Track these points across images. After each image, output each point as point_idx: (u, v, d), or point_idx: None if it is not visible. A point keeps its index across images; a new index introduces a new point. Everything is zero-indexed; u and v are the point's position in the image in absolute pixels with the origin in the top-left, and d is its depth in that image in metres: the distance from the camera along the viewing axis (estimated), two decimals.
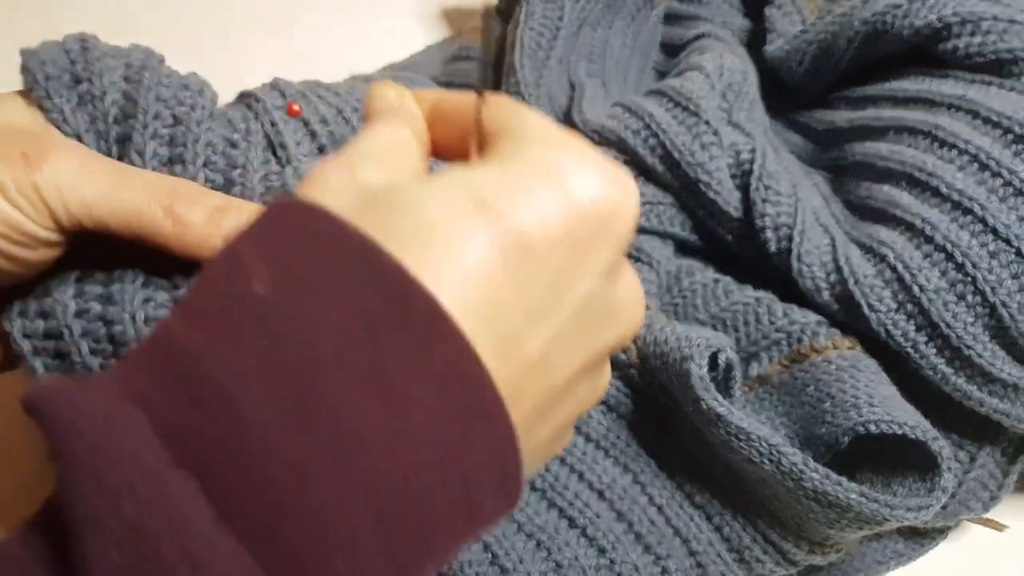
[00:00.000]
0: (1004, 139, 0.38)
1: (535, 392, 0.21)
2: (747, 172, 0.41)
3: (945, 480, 0.33)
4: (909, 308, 0.36)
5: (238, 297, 0.18)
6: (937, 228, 0.37)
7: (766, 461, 0.33)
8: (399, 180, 0.21)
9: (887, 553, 0.40)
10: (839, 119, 0.47)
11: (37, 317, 0.28)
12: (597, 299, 0.22)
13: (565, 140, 0.22)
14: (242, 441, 0.17)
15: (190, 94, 0.31)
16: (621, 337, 0.23)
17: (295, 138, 0.32)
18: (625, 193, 0.21)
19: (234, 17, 0.65)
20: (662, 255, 0.43)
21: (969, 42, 0.42)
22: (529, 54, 0.47)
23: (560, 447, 0.26)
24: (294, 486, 0.17)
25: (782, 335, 0.38)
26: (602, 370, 0.25)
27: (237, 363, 0.17)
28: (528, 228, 0.20)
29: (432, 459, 0.18)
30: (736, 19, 0.55)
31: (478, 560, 0.33)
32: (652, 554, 0.35)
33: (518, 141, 0.22)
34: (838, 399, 0.35)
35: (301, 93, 0.34)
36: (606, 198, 0.21)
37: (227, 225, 0.27)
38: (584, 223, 0.20)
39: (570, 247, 0.20)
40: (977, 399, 0.37)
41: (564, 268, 0.20)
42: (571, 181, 0.21)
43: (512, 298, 0.20)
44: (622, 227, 0.21)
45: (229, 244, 0.20)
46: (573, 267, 0.21)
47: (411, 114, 0.26)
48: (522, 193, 0.20)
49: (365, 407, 0.17)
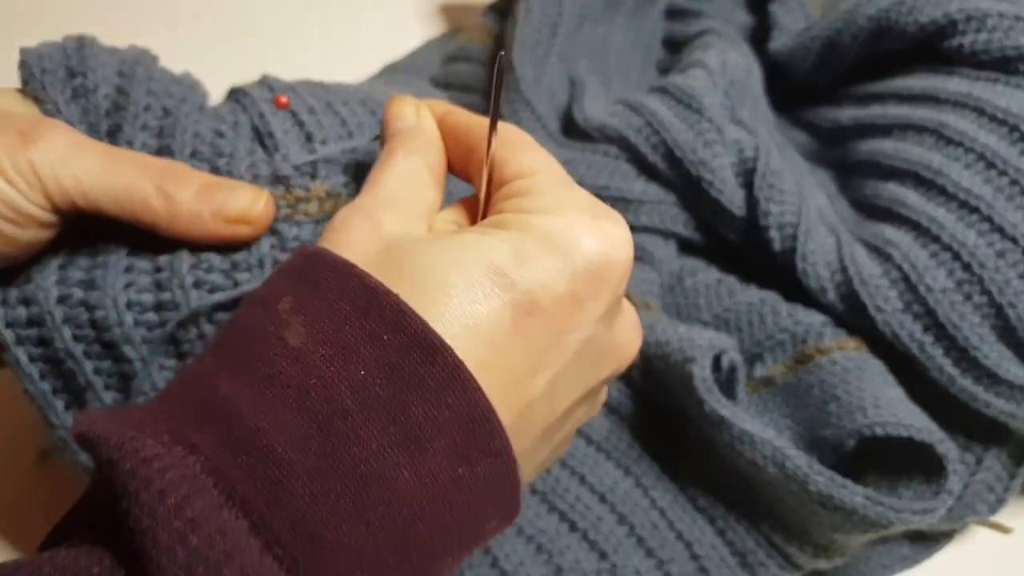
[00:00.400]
0: (1011, 137, 0.38)
1: (536, 426, 0.24)
2: (751, 170, 0.40)
3: (951, 483, 0.33)
4: (916, 308, 0.36)
5: (272, 347, 0.21)
6: (943, 227, 0.36)
7: (770, 464, 0.32)
8: (414, 231, 0.24)
9: (892, 557, 0.40)
10: (844, 116, 0.47)
11: (19, 304, 0.28)
12: (595, 341, 0.25)
13: (566, 197, 0.25)
14: (281, 484, 0.19)
15: (181, 88, 0.32)
16: (618, 368, 0.27)
17: (283, 127, 0.32)
18: (618, 248, 0.24)
19: (232, 17, 0.64)
20: (664, 254, 0.42)
21: (975, 39, 0.42)
22: (529, 50, 0.46)
23: (558, 456, 0.29)
24: (327, 524, 0.19)
25: (786, 336, 0.38)
26: (598, 394, 0.28)
27: (274, 413, 0.20)
28: (535, 292, 0.23)
29: (447, 496, 0.21)
30: (739, 15, 0.55)
31: (479, 563, 0.33)
32: (654, 558, 0.35)
33: (527, 200, 0.25)
34: (844, 401, 0.35)
35: (290, 87, 0.34)
36: (602, 255, 0.24)
37: (215, 202, 0.28)
38: (583, 281, 0.24)
39: (571, 303, 0.23)
40: (984, 400, 0.36)
41: (566, 321, 0.23)
42: (572, 245, 0.24)
43: (519, 351, 0.22)
44: (616, 278, 0.24)
45: (262, 291, 0.23)
46: (574, 319, 0.24)
47: (428, 140, 0.28)
48: (530, 261, 0.23)
49: (389, 453, 0.20)
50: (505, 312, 0.22)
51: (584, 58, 0.50)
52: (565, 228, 0.24)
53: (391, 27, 0.64)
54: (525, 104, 0.45)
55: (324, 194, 0.30)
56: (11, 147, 0.26)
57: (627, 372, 0.38)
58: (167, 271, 0.28)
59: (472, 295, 0.22)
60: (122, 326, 0.27)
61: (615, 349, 0.26)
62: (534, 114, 0.45)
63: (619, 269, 0.24)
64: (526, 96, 0.45)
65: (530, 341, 0.23)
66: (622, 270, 0.25)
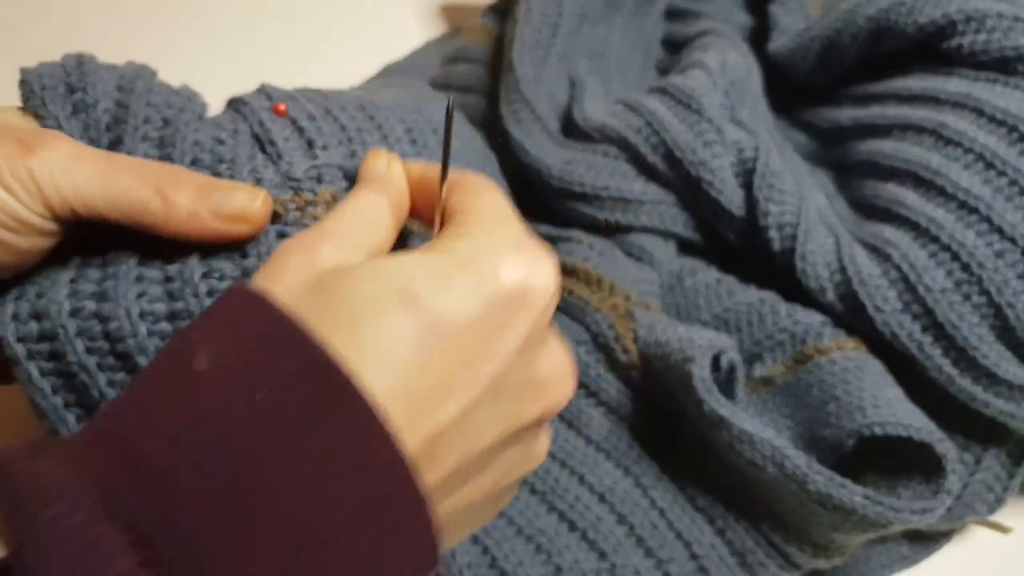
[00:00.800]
0: (1010, 137, 0.38)
1: (450, 458, 0.23)
2: (750, 170, 0.41)
3: (950, 482, 0.33)
4: (915, 308, 0.36)
5: (180, 372, 0.21)
6: (943, 227, 0.36)
7: (770, 464, 0.32)
8: (350, 261, 0.24)
9: (892, 556, 0.40)
10: (843, 117, 0.47)
11: (30, 319, 0.28)
12: (513, 374, 0.24)
13: (497, 229, 0.25)
14: (169, 504, 0.19)
15: (179, 99, 0.32)
16: (545, 410, 0.25)
17: (283, 135, 0.32)
18: (540, 278, 0.24)
19: (232, 18, 0.65)
20: (664, 254, 0.42)
21: (974, 39, 0.42)
22: (529, 51, 0.46)
23: (501, 506, 0.28)
24: (214, 546, 0.19)
25: (786, 335, 0.38)
26: (530, 439, 0.26)
27: (169, 434, 0.20)
28: (444, 315, 0.22)
29: (345, 522, 0.20)
30: (739, 16, 0.55)
31: (478, 563, 0.33)
32: (654, 558, 0.35)
33: (459, 229, 0.25)
34: (843, 401, 0.35)
35: (288, 95, 0.34)
36: (521, 283, 0.23)
37: (213, 202, 0.28)
38: (498, 306, 0.23)
39: (484, 329, 0.23)
40: (983, 400, 0.36)
41: (477, 347, 0.23)
42: (489, 268, 0.23)
43: (426, 375, 0.22)
44: (536, 309, 0.24)
45: (189, 323, 0.23)
46: (486, 347, 0.23)
47: (393, 183, 0.28)
48: (443, 281, 0.23)
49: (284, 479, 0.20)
50: (412, 335, 0.22)
51: (584, 58, 0.50)
52: (487, 253, 0.24)
53: (391, 27, 0.64)
54: (525, 104, 0.45)
55: (330, 197, 0.31)
56: (10, 156, 0.26)
57: (626, 372, 0.38)
58: (178, 280, 0.28)
59: (380, 318, 0.22)
60: (136, 336, 0.28)
61: (539, 387, 0.25)
62: (534, 114, 0.45)
63: (539, 300, 0.24)
64: (526, 96, 0.45)
65: (437, 366, 0.22)
66: (543, 302, 0.24)
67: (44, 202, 0.26)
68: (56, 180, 0.26)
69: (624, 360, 0.38)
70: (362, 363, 0.21)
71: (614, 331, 0.39)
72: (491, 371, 0.23)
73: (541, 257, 0.24)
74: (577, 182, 0.43)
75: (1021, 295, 0.35)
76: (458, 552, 0.33)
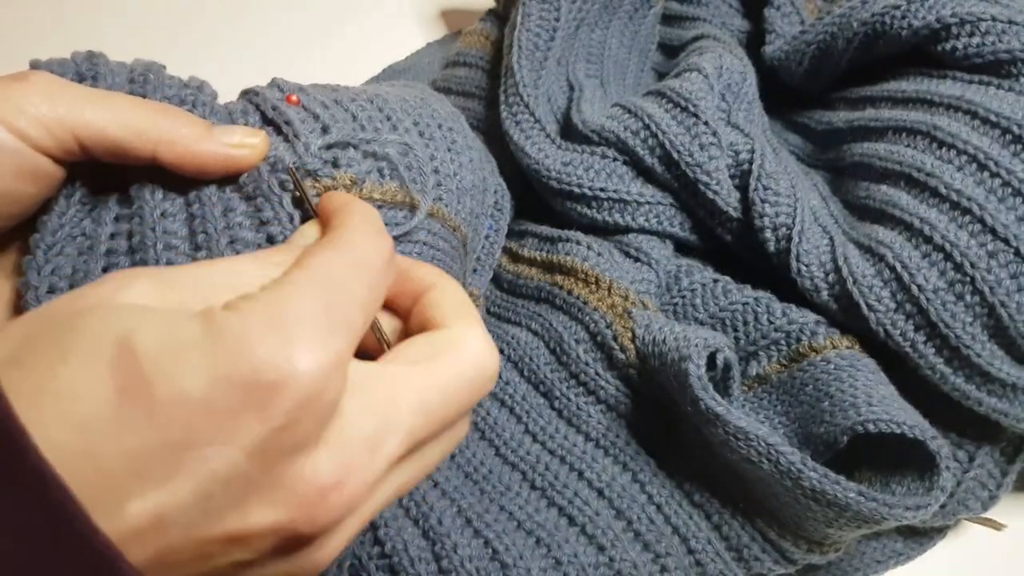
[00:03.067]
0: (1003, 139, 0.38)
1: (148, 560, 0.20)
2: (746, 172, 0.41)
3: (944, 479, 0.33)
4: (908, 308, 0.36)
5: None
6: (936, 228, 0.37)
7: (764, 460, 0.33)
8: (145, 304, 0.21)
9: (886, 552, 0.41)
10: (838, 119, 0.47)
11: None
12: (240, 476, 0.20)
13: (292, 310, 0.21)
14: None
15: (191, 91, 0.32)
16: (291, 521, 0.21)
17: (299, 117, 0.32)
18: (304, 372, 0.20)
19: (233, 19, 0.65)
20: (661, 255, 0.43)
21: (968, 43, 0.42)
22: (527, 55, 0.47)
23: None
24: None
25: (781, 335, 0.38)
26: (265, 552, 0.22)
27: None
28: (156, 382, 0.19)
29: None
30: (735, 20, 0.55)
31: (478, 555, 0.33)
32: (651, 552, 0.35)
33: (250, 300, 0.21)
34: (837, 398, 0.35)
35: (299, 87, 0.35)
36: (275, 369, 0.20)
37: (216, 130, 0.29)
38: (232, 394, 0.19)
39: (205, 415, 0.19)
40: (976, 398, 0.37)
41: (191, 435, 0.19)
42: (240, 347, 0.20)
43: (121, 454, 0.19)
44: (286, 406, 0.20)
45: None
46: (204, 436, 0.19)
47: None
48: (178, 350, 0.19)
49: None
50: (111, 397, 0.18)
51: (582, 62, 0.50)
52: (244, 330, 0.20)
53: (392, 31, 0.65)
54: (524, 107, 0.45)
55: (349, 181, 0.31)
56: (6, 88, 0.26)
57: (624, 371, 0.39)
58: (197, 204, 0.29)
59: (83, 371, 0.19)
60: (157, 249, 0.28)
61: (278, 494, 0.21)
62: (533, 117, 0.45)
63: (292, 394, 0.20)
64: (525, 100, 0.46)
65: (135, 445, 0.19)
66: (297, 397, 0.20)
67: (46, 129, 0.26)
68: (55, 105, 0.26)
69: (622, 358, 0.38)
70: (47, 419, 0.18)
71: (612, 330, 0.39)
72: (207, 468, 0.19)
73: (318, 350, 0.20)
74: (576, 184, 0.43)
75: (1014, 295, 0.35)
76: (459, 545, 0.33)
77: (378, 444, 0.22)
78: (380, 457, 0.22)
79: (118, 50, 0.33)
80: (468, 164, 0.39)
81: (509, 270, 0.46)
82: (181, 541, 0.20)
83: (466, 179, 0.38)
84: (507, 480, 0.37)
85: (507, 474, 0.37)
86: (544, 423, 0.39)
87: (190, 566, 0.21)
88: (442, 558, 0.33)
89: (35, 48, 0.33)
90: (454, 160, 0.38)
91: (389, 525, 0.34)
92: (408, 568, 0.33)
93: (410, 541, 0.34)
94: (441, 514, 0.34)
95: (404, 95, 0.38)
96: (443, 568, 0.33)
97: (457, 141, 0.38)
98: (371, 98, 0.36)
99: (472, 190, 0.39)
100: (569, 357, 0.40)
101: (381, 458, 0.22)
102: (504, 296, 0.45)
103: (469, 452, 0.38)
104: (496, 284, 0.46)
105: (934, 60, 0.44)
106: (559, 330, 0.40)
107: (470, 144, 0.40)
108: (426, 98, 0.40)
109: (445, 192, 0.36)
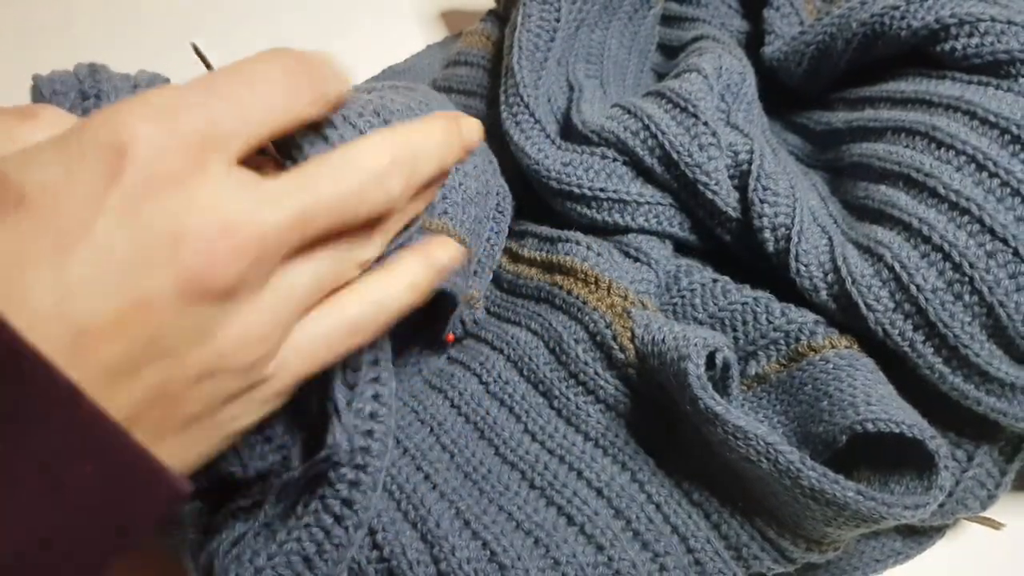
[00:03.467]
0: (1002, 139, 0.38)
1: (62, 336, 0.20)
2: (745, 173, 0.41)
3: (942, 479, 0.33)
4: (906, 307, 0.36)
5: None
6: (934, 228, 0.37)
7: (763, 459, 0.33)
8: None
9: (885, 551, 0.41)
10: (837, 120, 0.48)
11: None
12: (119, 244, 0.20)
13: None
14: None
15: None
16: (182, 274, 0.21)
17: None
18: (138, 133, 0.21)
19: (233, 21, 0.65)
20: (661, 255, 0.43)
21: (967, 43, 0.42)
22: (527, 55, 0.47)
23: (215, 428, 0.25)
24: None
25: (780, 334, 0.38)
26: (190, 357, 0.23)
27: None
28: (24, 183, 0.20)
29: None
30: (734, 20, 0.55)
31: (476, 557, 0.33)
32: (650, 551, 0.35)
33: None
34: (836, 398, 0.35)
35: None
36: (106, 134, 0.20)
37: None
38: (82, 164, 0.20)
39: (68, 198, 0.20)
40: (974, 398, 0.37)
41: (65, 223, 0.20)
42: (75, 128, 0.21)
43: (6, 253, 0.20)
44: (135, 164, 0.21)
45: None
46: (75, 216, 0.20)
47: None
48: (31, 151, 0.21)
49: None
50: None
51: (581, 62, 0.50)
52: (100, 114, 0.21)
53: (392, 32, 0.65)
54: (524, 108, 0.46)
55: None
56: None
57: (624, 370, 0.39)
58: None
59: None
60: None
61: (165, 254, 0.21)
62: (533, 118, 0.46)
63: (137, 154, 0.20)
64: (525, 100, 0.46)
65: (14, 244, 0.19)
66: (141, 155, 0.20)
67: None
68: None
69: (621, 358, 0.39)
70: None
71: (611, 330, 0.39)
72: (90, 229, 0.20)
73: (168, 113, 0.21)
74: (575, 184, 0.44)
75: (1012, 294, 0.35)
76: (457, 547, 0.33)
77: (262, 199, 0.22)
78: (268, 213, 0.22)
79: (118, 51, 0.33)
80: (472, 171, 0.39)
81: (509, 270, 0.46)
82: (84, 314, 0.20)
83: (471, 188, 0.38)
84: (506, 479, 0.37)
85: (506, 473, 0.38)
86: (543, 422, 0.39)
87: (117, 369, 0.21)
88: (440, 561, 0.33)
89: (35, 48, 0.33)
90: (459, 170, 0.38)
91: (387, 529, 0.34)
92: (407, 571, 0.33)
93: (408, 544, 0.34)
94: (439, 516, 0.35)
95: (409, 103, 0.38)
96: (442, 571, 0.33)
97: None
98: (377, 111, 0.36)
99: (476, 197, 0.39)
100: (568, 357, 0.40)
101: (270, 214, 0.22)
102: (504, 296, 0.45)
103: (468, 451, 0.38)
104: (496, 284, 0.46)
105: (933, 61, 0.44)
106: (559, 330, 0.41)
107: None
108: (429, 103, 0.40)
109: (451, 205, 0.36)
